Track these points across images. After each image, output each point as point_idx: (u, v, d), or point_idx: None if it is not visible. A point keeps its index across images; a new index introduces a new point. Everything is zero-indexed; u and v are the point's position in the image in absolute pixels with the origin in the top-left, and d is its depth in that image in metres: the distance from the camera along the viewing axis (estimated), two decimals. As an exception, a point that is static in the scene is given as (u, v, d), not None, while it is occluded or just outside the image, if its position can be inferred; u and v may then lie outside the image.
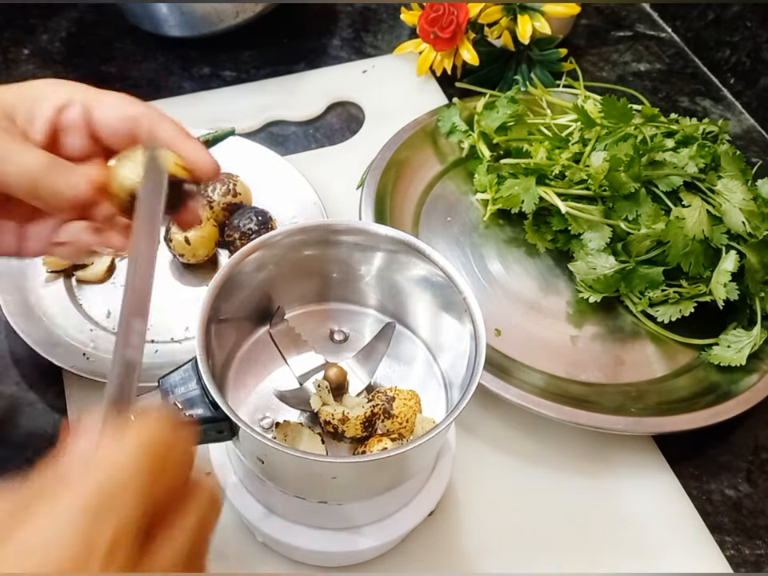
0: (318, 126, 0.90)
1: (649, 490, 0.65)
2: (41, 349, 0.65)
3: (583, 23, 1.05)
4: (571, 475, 0.66)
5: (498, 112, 0.80)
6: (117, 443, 0.31)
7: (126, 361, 0.33)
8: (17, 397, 0.67)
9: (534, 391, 0.65)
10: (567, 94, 0.87)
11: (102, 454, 0.31)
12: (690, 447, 0.68)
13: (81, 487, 0.29)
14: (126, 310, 0.35)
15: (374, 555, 0.59)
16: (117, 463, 0.30)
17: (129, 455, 0.30)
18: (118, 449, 0.31)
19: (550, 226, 0.75)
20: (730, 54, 0.96)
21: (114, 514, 0.29)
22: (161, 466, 0.31)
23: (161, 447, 0.31)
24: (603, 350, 0.72)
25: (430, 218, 0.80)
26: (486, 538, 0.62)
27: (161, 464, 0.31)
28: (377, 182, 0.78)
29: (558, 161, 0.75)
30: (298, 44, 0.99)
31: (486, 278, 0.75)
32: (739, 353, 0.69)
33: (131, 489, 0.30)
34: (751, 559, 0.63)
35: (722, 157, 0.74)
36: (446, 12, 0.87)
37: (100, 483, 0.29)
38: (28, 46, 0.96)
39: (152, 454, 0.31)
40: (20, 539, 0.28)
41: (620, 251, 0.71)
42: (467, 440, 0.66)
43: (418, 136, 0.84)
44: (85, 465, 0.30)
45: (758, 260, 0.70)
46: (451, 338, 0.55)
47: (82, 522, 0.28)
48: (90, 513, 0.28)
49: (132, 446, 0.30)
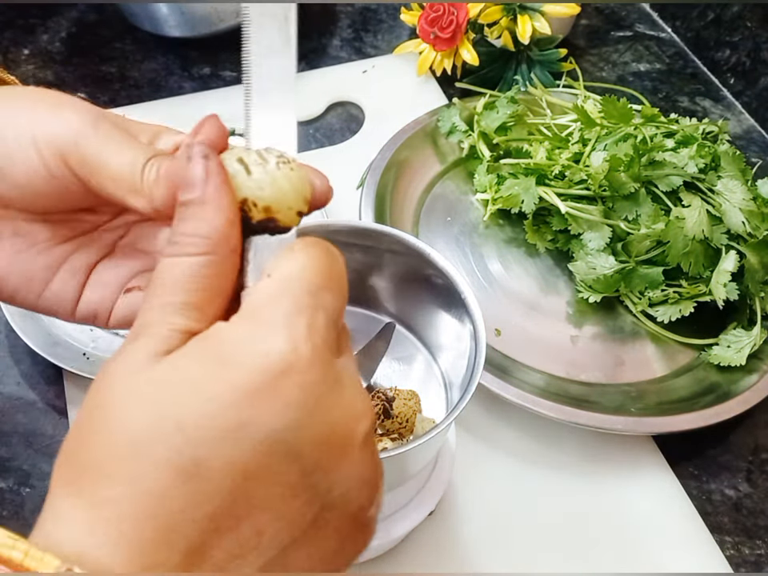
0: (318, 126, 0.90)
1: (648, 490, 0.65)
2: (41, 349, 0.66)
3: (583, 23, 1.05)
4: (571, 475, 0.66)
5: (498, 112, 0.80)
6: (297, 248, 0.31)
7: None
8: (17, 397, 0.67)
9: (534, 391, 0.65)
10: (567, 94, 0.87)
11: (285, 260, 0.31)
12: (690, 447, 0.68)
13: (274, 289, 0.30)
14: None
15: (373, 555, 0.59)
16: (302, 260, 0.31)
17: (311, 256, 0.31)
18: (299, 251, 0.31)
19: (550, 226, 0.75)
20: (729, 53, 0.96)
21: (312, 310, 0.29)
22: (335, 269, 0.31)
23: (331, 252, 0.32)
24: (603, 350, 0.72)
25: (430, 218, 0.80)
26: (485, 538, 0.62)
27: (334, 267, 0.31)
28: (377, 182, 0.78)
29: (558, 161, 0.75)
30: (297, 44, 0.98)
31: (485, 277, 0.75)
32: (739, 353, 0.68)
33: (321, 282, 0.30)
34: (751, 559, 0.62)
35: (722, 157, 0.74)
36: (446, 12, 0.87)
37: (289, 282, 0.30)
38: (28, 46, 0.96)
39: (324, 256, 0.31)
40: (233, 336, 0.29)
41: (620, 251, 0.71)
42: (467, 440, 0.66)
43: (417, 136, 0.84)
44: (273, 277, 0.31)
45: (757, 260, 0.70)
46: (451, 338, 0.55)
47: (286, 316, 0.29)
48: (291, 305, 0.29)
49: (310, 250, 0.31)
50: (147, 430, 0.27)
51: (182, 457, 0.27)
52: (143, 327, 0.30)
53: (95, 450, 0.28)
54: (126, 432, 0.27)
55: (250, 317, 0.29)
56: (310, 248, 0.31)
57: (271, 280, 0.30)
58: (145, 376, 0.28)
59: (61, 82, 0.92)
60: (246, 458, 0.27)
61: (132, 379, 0.28)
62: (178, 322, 0.29)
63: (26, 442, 0.65)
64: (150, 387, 0.28)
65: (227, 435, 0.27)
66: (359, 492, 0.30)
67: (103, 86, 0.92)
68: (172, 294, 0.30)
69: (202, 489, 0.27)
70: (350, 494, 0.30)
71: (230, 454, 0.27)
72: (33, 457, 0.64)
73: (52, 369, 0.68)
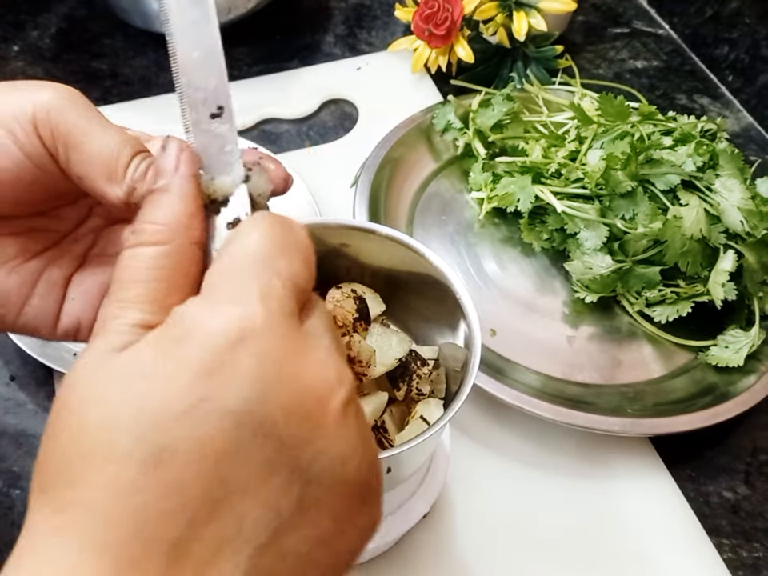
0: (312, 123, 0.90)
1: (645, 491, 0.65)
2: (31, 349, 0.65)
3: (579, 20, 1.04)
4: (567, 477, 0.66)
5: (494, 110, 0.80)
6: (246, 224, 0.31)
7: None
8: (7, 397, 0.67)
9: (530, 392, 0.65)
10: (563, 92, 0.86)
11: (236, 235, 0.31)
12: (688, 449, 0.67)
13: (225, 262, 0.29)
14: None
15: (367, 558, 0.59)
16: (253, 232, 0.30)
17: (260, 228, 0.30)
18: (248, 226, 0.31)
19: (546, 224, 0.75)
20: (728, 50, 0.96)
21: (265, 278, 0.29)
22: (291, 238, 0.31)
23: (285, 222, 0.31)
24: (600, 350, 0.71)
25: (425, 216, 0.79)
26: (480, 541, 0.62)
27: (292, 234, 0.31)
28: (371, 180, 0.77)
29: (554, 159, 0.75)
30: (291, 41, 0.98)
31: (481, 277, 0.75)
32: (737, 353, 0.68)
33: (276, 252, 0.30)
34: (749, 562, 0.62)
35: (720, 155, 0.73)
36: (441, 9, 0.87)
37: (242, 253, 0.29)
38: (18, 42, 0.95)
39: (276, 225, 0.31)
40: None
41: (617, 250, 0.71)
42: (462, 441, 0.66)
43: (412, 134, 0.83)
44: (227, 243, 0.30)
45: (756, 259, 0.69)
46: (446, 338, 0.55)
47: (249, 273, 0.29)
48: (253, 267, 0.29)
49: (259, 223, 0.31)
50: (106, 424, 0.26)
51: (144, 445, 0.26)
52: (101, 325, 0.29)
53: (59, 453, 0.27)
54: (87, 430, 0.26)
55: (202, 296, 0.29)
56: (259, 221, 0.31)
57: (221, 257, 0.30)
58: (101, 372, 0.27)
59: (51, 78, 0.90)
60: (212, 437, 0.26)
61: (89, 377, 0.28)
62: (133, 316, 0.29)
63: (15, 443, 0.65)
64: (106, 382, 0.27)
65: (188, 416, 0.26)
66: (345, 465, 0.28)
67: (94, 83, 0.91)
68: (127, 288, 0.29)
69: (170, 477, 0.26)
70: (336, 468, 0.28)
71: (193, 436, 0.26)
72: (23, 458, 0.64)
73: (42, 369, 0.67)
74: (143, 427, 0.26)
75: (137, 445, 0.26)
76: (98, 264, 0.40)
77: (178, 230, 0.30)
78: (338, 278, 0.57)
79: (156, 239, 0.30)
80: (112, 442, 0.26)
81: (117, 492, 0.26)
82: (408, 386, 0.52)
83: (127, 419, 0.26)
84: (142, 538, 0.25)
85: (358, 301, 0.53)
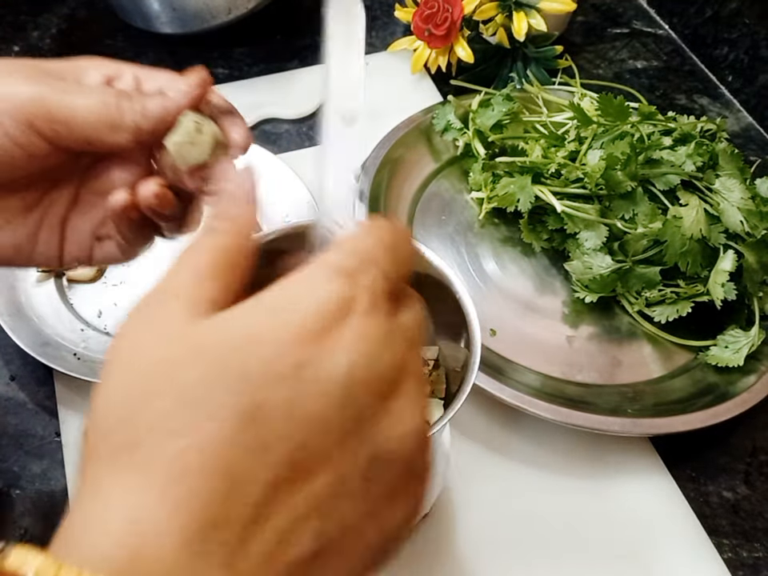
0: (311, 123, 0.90)
1: (645, 492, 0.65)
2: (31, 349, 0.65)
3: (579, 20, 1.04)
4: (567, 477, 0.65)
5: (494, 110, 0.80)
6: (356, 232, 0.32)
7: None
8: (7, 397, 0.67)
9: (530, 392, 0.65)
10: (563, 92, 0.86)
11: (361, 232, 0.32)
12: (688, 449, 0.67)
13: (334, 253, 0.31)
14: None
15: (367, 559, 0.59)
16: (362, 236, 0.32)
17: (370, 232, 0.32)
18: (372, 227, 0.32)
19: (546, 225, 0.75)
20: (728, 51, 0.96)
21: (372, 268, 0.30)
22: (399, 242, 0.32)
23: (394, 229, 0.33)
24: (599, 350, 0.71)
25: (425, 216, 0.79)
26: (480, 541, 0.62)
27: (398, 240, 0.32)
28: (371, 180, 0.77)
29: (554, 159, 0.74)
30: (291, 41, 0.98)
31: (481, 277, 0.75)
32: (737, 353, 0.68)
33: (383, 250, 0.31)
34: (749, 562, 0.62)
35: (720, 155, 0.73)
36: (441, 9, 0.87)
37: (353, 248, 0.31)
38: (18, 42, 0.95)
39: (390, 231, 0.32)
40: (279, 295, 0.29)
41: (616, 251, 0.71)
42: (462, 441, 0.66)
43: (412, 134, 0.83)
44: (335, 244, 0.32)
45: (756, 260, 0.69)
46: (446, 338, 0.55)
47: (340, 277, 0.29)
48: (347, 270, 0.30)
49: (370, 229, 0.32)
50: (206, 379, 0.27)
51: (243, 401, 0.26)
52: (169, 293, 0.30)
53: (145, 410, 0.27)
54: (183, 385, 0.27)
55: (307, 274, 0.30)
56: (374, 226, 0.32)
57: (335, 250, 0.31)
58: (194, 332, 0.28)
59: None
60: (305, 401, 0.27)
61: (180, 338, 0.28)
62: (209, 289, 0.30)
63: (15, 443, 0.64)
64: (203, 341, 0.28)
65: (287, 377, 0.27)
66: (408, 444, 0.30)
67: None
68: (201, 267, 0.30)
69: (264, 436, 0.26)
70: (401, 446, 0.29)
71: (289, 397, 0.27)
72: (23, 458, 0.64)
73: (42, 369, 0.67)
74: (241, 385, 0.26)
75: (238, 399, 0.26)
76: (86, 203, 0.45)
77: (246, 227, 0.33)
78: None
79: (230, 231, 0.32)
80: (209, 398, 0.26)
81: (210, 447, 0.26)
82: None
83: (226, 377, 0.27)
84: (228, 497, 0.26)
85: None
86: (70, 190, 0.45)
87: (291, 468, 0.27)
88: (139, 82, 0.46)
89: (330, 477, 0.27)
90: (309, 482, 0.27)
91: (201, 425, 0.26)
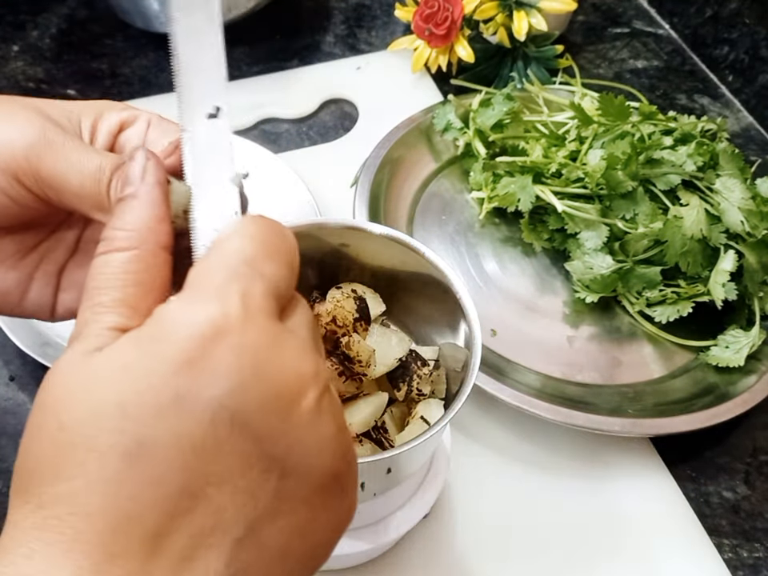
0: (312, 123, 0.90)
1: (646, 492, 0.65)
2: (30, 349, 0.65)
3: (580, 20, 1.04)
4: (567, 477, 0.65)
5: (494, 109, 0.79)
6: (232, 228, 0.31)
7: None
8: (6, 398, 0.67)
9: (530, 392, 0.64)
10: (564, 92, 0.86)
11: (223, 236, 0.31)
12: (688, 449, 0.67)
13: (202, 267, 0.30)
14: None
15: (367, 559, 0.59)
16: (232, 241, 0.30)
17: (248, 230, 0.31)
18: (236, 227, 0.31)
19: (547, 224, 0.75)
20: (728, 50, 0.96)
21: (243, 274, 0.29)
22: (272, 238, 0.31)
23: (273, 225, 0.32)
24: (600, 350, 0.71)
25: (425, 216, 0.79)
26: (481, 541, 0.62)
27: (271, 236, 0.31)
28: (371, 180, 0.77)
29: (555, 159, 0.74)
30: (291, 40, 0.98)
31: (481, 277, 0.75)
32: (737, 354, 0.68)
33: (255, 250, 0.30)
34: (749, 562, 0.62)
35: (721, 155, 0.73)
36: (441, 8, 0.87)
37: (221, 257, 0.30)
38: (18, 42, 0.95)
39: (265, 229, 0.31)
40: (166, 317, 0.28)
41: (617, 251, 0.71)
42: (462, 442, 0.66)
43: (412, 134, 0.83)
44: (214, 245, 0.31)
45: (756, 259, 0.69)
46: (446, 338, 0.55)
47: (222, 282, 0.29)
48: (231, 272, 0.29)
49: (247, 225, 0.31)
50: (87, 420, 0.27)
51: (124, 438, 0.26)
52: (78, 330, 0.30)
53: (39, 450, 0.27)
54: (66, 426, 0.27)
55: (183, 293, 0.29)
56: (249, 223, 0.31)
57: (208, 256, 0.30)
58: (79, 371, 0.28)
59: (51, 78, 0.91)
60: (191, 430, 0.26)
61: (68, 377, 0.28)
62: (109, 320, 0.29)
63: (15, 443, 0.64)
64: (84, 380, 0.27)
65: (167, 409, 0.26)
66: (320, 456, 0.29)
67: (94, 83, 0.91)
68: (101, 293, 0.30)
69: (151, 470, 0.26)
70: (310, 460, 0.29)
71: (172, 429, 0.26)
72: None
73: (42, 370, 0.67)
74: (123, 420, 0.26)
75: (118, 438, 0.26)
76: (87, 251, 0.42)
77: (147, 235, 0.31)
78: (338, 278, 0.56)
79: (126, 245, 0.31)
80: (92, 436, 0.26)
81: (97, 486, 0.26)
82: (408, 387, 0.52)
83: (106, 414, 0.26)
84: (122, 531, 0.26)
85: (358, 301, 0.53)
86: (69, 238, 0.42)
87: (187, 498, 0.26)
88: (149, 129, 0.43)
89: (238, 500, 0.27)
90: (211, 509, 0.27)
91: (85, 465, 0.26)
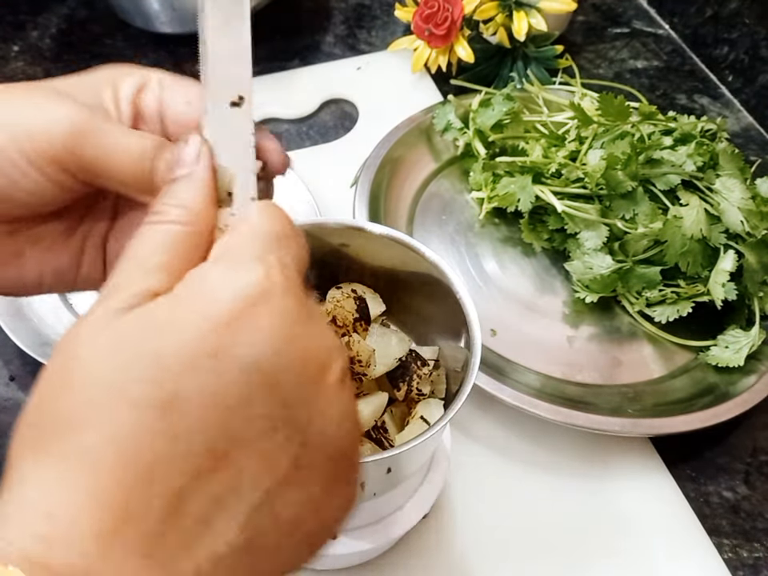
0: (312, 123, 0.90)
1: (646, 492, 0.65)
2: (31, 349, 0.65)
3: (579, 20, 1.04)
4: (567, 477, 0.65)
5: (494, 109, 0.79)
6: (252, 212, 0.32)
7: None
8: (7, 397, 0.67)
9: (530, 392, 0.64)
10: (564, 92, 0.86)
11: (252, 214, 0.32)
12: (688, 449, 0.67)
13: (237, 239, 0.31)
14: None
15: (367, 558, 0.59)
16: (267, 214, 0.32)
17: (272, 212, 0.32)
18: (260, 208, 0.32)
19: (547, 224, 0.75)
20: (728, 51, 0.96)
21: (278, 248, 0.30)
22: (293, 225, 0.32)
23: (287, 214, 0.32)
24: (600, 350, 0.71)
25: (425, 216, 0.79)
26: (481, 542, 0.62)
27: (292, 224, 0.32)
28: (371, 180, 0.77)
29: (555, 159, 0.74)
30: (291, 41, 0.98)
31: (481, 277, 0.75)
32: (737, 354, 0.68)
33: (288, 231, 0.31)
34: (749, 562, 0.62)
35: (721, 155, 0.73)
36: (441, 9, 0.87)
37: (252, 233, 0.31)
38: (18, 42, 0.95)
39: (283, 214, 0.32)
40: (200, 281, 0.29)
41: (617, 251, 0.71)
42: (462, 442, 0.66)
43: (412, 134, 0.83)
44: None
45: (756, 260, 0.69)
46: (446, 338, 0.55)
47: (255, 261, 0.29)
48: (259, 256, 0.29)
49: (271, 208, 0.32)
50: (122, 369, 0.26)
51: (159, 390, 0.26)
52: (113, 288, 0.29)
53: (65, 402, 0.26)
54: (100, 376, 0.26)
55: (221, 259, 0.30)
56: (272, 207, 0.32)
57: (238, 228, 0.31)
58: (113, 325, 0.27)
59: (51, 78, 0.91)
60: (223, 388, 0.26)
61: (100, 330, 0.27)
62: (149, 283, 0.29)
63: (15, 443, 0.64)
64: (119, 333, 0.27)
65: (205, 364, 0.26)
66: (339, 429, 0.29)
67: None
68: (146, 257, 0.30)
69: (182, 424, 0.26)
70: (330, 430, 0.29)
71: (208, 384, 0.26)
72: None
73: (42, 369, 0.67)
74: (157, 373, 0.26)
75: (153, 389, 0.26)
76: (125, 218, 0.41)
77: (199, 215, 0.31)
78: (338, 278, 0.57)
79: (179, 219, 0.31)
80: (125, 388, 0.26)
81: (126, 437, 0.25)
82: (408, 386, 0.52)
83: (141, 366, 0.26)
84: (144, 487, 0.25)
85: (358, 301, 0.53)
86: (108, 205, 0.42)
87: (212, 457, 0.26)
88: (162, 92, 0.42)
89: (258, 465, 0.27)
90: (232, 472, 0.27)
91: (115, 416, 0.26)
